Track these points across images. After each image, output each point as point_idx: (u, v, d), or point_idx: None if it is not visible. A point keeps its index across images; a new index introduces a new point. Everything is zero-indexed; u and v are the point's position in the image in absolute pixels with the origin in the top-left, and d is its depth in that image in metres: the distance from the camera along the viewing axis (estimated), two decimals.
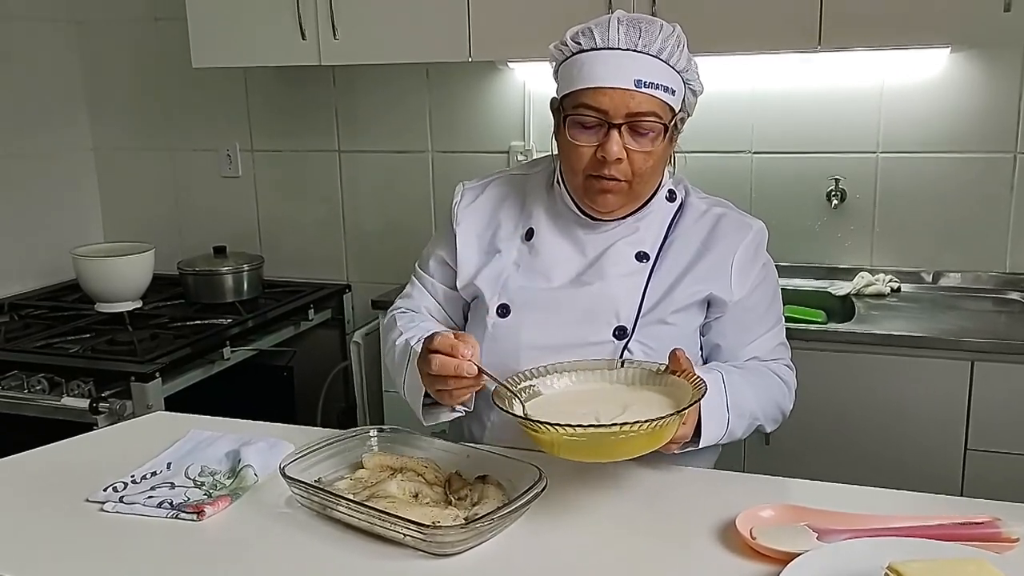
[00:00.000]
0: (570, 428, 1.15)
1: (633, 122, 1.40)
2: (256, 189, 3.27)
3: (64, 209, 3.29)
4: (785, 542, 1.13)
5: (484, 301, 1.53)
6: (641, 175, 1.44)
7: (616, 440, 1.16)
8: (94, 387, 2.30)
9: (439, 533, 1.14)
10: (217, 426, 1.59)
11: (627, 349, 1.45)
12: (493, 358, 1.44)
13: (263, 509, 1.30)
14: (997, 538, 1.14)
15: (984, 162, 2.55)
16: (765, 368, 1.53)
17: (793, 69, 2.64)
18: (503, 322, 1.50)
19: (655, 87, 1.40)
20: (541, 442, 1.21)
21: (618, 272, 1.49)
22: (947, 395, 2.18)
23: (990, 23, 2.18)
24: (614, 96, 1.39)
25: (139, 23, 3.23)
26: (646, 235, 1.52)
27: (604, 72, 1.40)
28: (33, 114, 3.14)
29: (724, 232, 1.52)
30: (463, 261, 1.58)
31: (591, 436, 1.16)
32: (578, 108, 1.42)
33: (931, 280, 2.63)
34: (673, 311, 1.48)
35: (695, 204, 1.56)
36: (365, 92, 3.07)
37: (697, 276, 1.49)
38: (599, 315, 1.47)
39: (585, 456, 1.22)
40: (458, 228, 1.60)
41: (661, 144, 1.43)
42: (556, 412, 1.24)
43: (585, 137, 1.43)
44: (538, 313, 1.48)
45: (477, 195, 1.63)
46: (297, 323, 2.93)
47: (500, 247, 1.56)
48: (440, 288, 1.64)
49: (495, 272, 1.54)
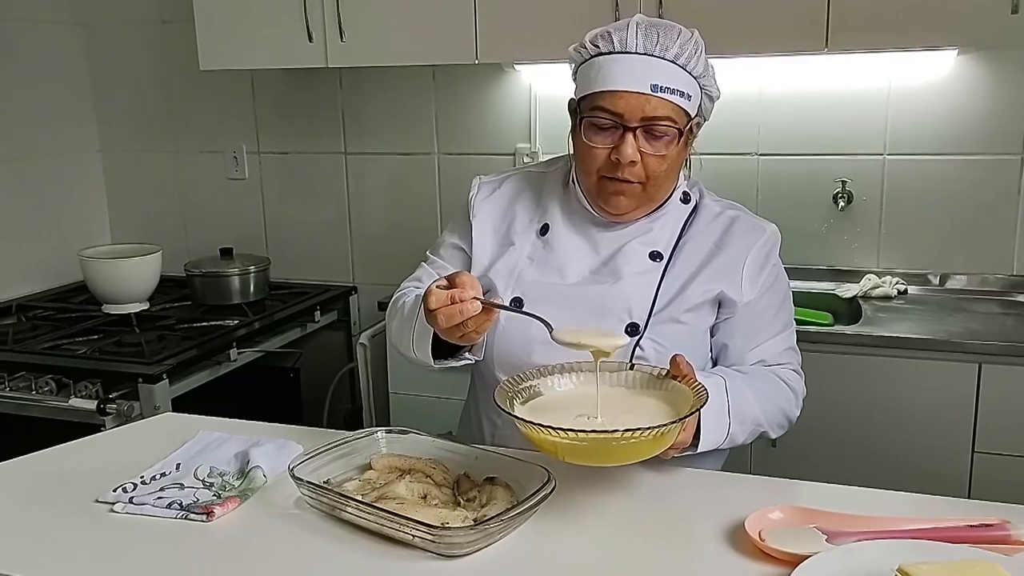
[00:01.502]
0: (572, 433, 1.15)
1: (648, 126, 1.41)
2: (263, 191, 3.28)
3: (71, 211, 3.30)
4: (794, 544, 1.13)
5: (497, 294, 1.53)
6: (655, 178, 1.45)
7: (617, 446, 1.16)
8: (101, 388, 2.31)
9: (448, 534, 1.14)
10: (226, 427, 1.59)
11: (639, 346, 1.46)
12: (504, 350, 1.49)
13: (272, 510, 1.31)
14: (1007, 540, 1.13)
15: (991, 164, 2.55)
16: (771, 374, 1.53)
17: (800, 71, 2.64)
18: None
19: (671, 92, 1.40)
20: (542, 444, 1.21)
21: (631, 270, 1.50)
22: (954, 397, 2.18)
23: (997, 25, 2.18)
24: (630, 100, 1.40)
25: (146, 25, 3.24)
26: (660, 235, 1.53)
27: (621, 76, 1.41)
28: (40, 116, 3.15)
29: (737, 234, 1.52)
30: (479, 252, 1.59)
31: (592, 441, 1.15)
32: (594, 111, 1.43)
33: (938, 282, 2.63)
34: (685, 310, 1.49)
35: (709, 206, 1.57)
36: (372, 94, 3.08)
37: (709, 275, 1.50)
38: (612, 312, 1.47)
39: (585, 460, 1.22)
40: (475, 220, 1.61)
41: (676, 148, 1.44)
42: (557, 415, 1.24)
43: (600, 139, 1.44)
44: (551, 308, 1.47)
45: (494, 189, 1.64)
46: (303, 325, 2.94)
47: (514, 241, 1.57)
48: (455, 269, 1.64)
49: (509, 265, 1.55)
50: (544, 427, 1.16)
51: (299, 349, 2.93)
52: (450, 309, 1.25)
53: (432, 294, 1.27)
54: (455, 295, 1.25)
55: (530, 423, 1.18)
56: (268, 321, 2.79)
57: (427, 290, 1.29)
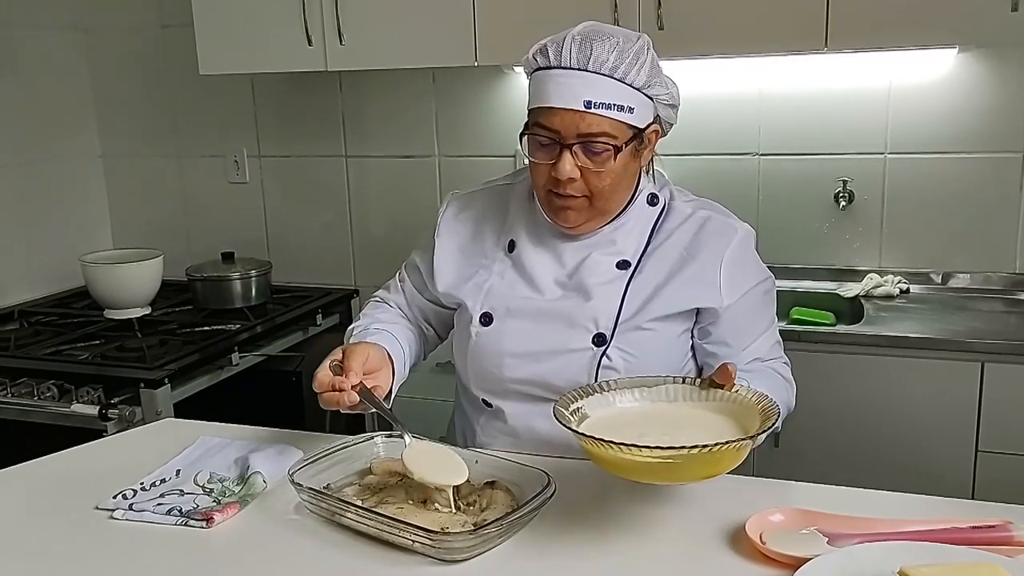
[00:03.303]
0: (660, 450, 1.09)
1: (585, 142, 1.39)
2: (264, 195, 3.28)
3: (73, 216, 3.30)
4: (795, 547, 1.13)
5: (468, 310, 1.54)
6: (599, 193, 1.43)
7: (704, 457, 1.10)
8: (103, 394, 2.31)
9: (448, 539, 1.14)
10: (225, 433, 1.59)
11: (606, 355, 1.46)
12: (477, 365, 1.52)
13: (272, 516, 1.31)
14: (1010, 542, 1.13)
15: (993, 162, 2.54)
16: (769, 369, 1.53)
17: (800, 71, 2.64)
18: (486, 330, 1.51)
19: (607, 107, 1.37)
20: (618, 464, 1.15)
21: (597, 281, 1.49)
22: (957, 397, 2.17)
23: (998, 23, 2.17)
24: (564, 117, 1.38)
25: (146, 30, 3.24)
26: (626, 243, 1.51)
27: (555, 92, 1.39)
28: (42, 122, 3.15)
29: (709, 237, 1.49)
30: (438, 270, 1.60)
31: (684, 458, 1.09)
32: (535, 127, 1.43)
33: (940, 281, 2.62)
34: (655, 318, 1.47)
35: (679, 208, 1.54)
36: (372, 97, 3.08)
37: (681, 283, 1.48)
38: (578, 322, 1.47)
39: (656, 479, 1.19)
40: (438, 240, 1.62)
41: (619, 162, 1.41)
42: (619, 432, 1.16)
43: (542, 155, 1.43)
44: (520, 321, 1.50)
45: (462, 207, 1.64)
46: (305, 328, 2.94)
47: (484, 259, 1.57)
48: (410, 291, 1.69)
49: (478, 283, 1.56)
50: (628, 446, 1.10)
51: (301, 353, 2.92)
52: (330, 395, 1.35)
53: (317, 377, 1.38)
54: (336, 383, 1.35)
55: (611, 443, 1.11)
56: (270, 325, 2.78)
57: (317, 370, 1.40)
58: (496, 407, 1.53)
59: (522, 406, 1.51)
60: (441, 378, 1.82)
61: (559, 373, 1.47)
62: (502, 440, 1.53)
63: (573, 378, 1.45)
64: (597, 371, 1.45)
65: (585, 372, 1.46)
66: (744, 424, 1.23)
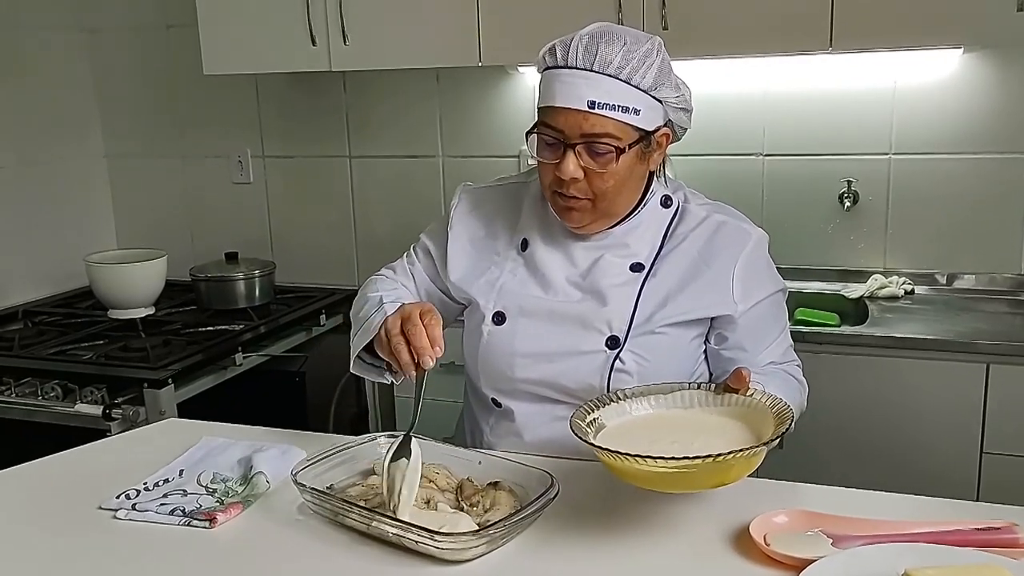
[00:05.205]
0: (675, 460, 1.09)
1: (589, 143, 1.39)
2: (267, 195, 3.28)
3: (77, 216, 3.31)
4: (799, 548, 1.12)
5: (479, 308, 1.54)
6: (602, 195, 1.43)
7: (719, 466, 1.11)
8: (107, 393, 2.31)
9: (451, 540, 1.14)
10: (229, 433, 1.59)
11: (619, 359, 1.45)
12: (488, 364, 1.51)
13: (275, 516, 1.31)
14: (1015, 544, 1.13)
15: (998, 163, 2.53)
16: (784, 373, 1.53)
17: (804, 71, 2.63)
18: (498, 330, 1.51)
19: (611, 108, 1.37)
20: (636, 475, 1.15)
21: (610, 282, 1.48)
22: (962, 398, 2.16)
23: (1003, 23, 2.16)
24: (568, 117, 1.38)
25: (150, 31, 3.25)
26: (639, 246, 1.50)
27: (560, 92, 1.39)
28: (46, 122, 3.16)
29: (723, 243, 1.49)
30: (451, 261, 1.59)
31: (700, 467, 1.10)
32: (541, 126, 1.43)
33: (945, 282, 2.61)
34: (667, 324, 1.47)
35: (693, 211, 1.53)
36: (376, 97, 3.08)
37: (695, 291, 1.47)
38: (591, 324, 1.47)
39: (667, 487, 1.19)
40: (451, 231, 1.61)
41: (623, 164, 1.40)
42: (634, 441, 1.18)
43: (547, 154, 1.43)
44: (532, 321, 1.49)
45: (476, 202, 1.64)
46: (309, 329, 2.93)
47: (497, 256, 1.57)
48: (420, 275, 1.66)
49: (491, 281, 1.55)
50: (643, 457, 1.11)
51: (305, 353, 2.92)
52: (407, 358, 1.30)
53: (395, 325, 1.31)
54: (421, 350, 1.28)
55: (626, 455, 1.11)
56: (274, 325, 2.78)
57: (395, 314, 1.33)
58: (506, 407, 1.53)
59: (532, 407, 1.51)
60: (448, 379, 1.82)
61: (571, 375, 1.47)
62: (511, 440, 1.52)
63: (585, 380, 1.45)
64: (610, 374, 1.45)
65: (597, 374, 1.45)
66: (758, 428, 1.23)
